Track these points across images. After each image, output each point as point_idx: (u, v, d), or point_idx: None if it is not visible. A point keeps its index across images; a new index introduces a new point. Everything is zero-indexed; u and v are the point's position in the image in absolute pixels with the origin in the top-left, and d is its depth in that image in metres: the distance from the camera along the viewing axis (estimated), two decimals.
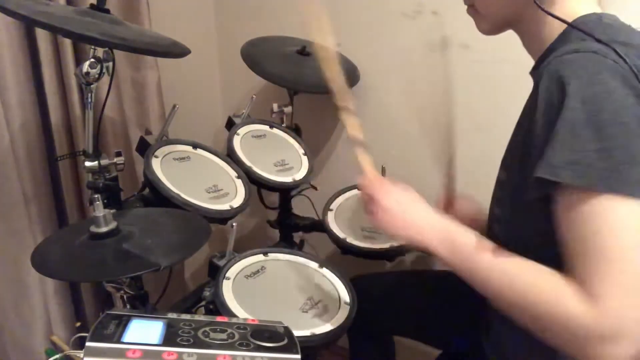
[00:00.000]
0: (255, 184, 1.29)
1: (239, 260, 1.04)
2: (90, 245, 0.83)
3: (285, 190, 1.49)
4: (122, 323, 0.65)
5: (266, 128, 1.42)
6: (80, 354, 0.58)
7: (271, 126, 1.43)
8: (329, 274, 1.06)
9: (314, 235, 1.50)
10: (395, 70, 1.47)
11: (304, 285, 1.02)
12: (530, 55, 0.79)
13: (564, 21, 0.68)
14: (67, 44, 1.26)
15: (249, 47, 1.43)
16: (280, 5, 1.63)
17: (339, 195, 1.37)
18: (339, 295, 1.00)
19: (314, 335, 0.87)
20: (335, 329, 0.91)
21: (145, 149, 1.15)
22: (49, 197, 1.34)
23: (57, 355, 0.92)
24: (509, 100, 1.29)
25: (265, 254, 1.08)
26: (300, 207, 1.56)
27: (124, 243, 0.83)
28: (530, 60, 0.80)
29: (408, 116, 1.49)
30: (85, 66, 0.94)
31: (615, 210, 0.58)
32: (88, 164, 1.05)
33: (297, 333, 0.72)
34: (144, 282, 1.08)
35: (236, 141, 1.31)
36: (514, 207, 0.76)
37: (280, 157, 1.36)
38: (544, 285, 0.63)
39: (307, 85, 1.44)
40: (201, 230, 0.92)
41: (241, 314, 0.89)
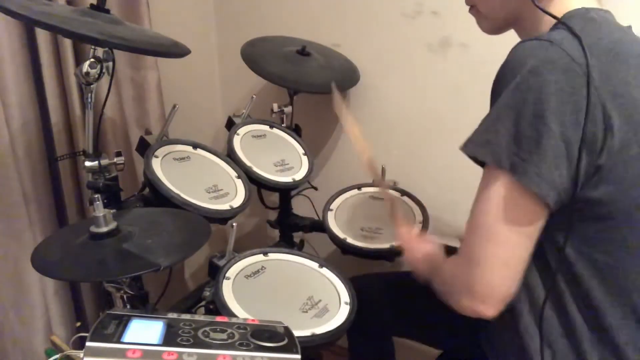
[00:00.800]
0: (255, 184, 1.29)
1: (239, 260, 1.04)
2: (90, 245, 0.83)
3: (285, 190, 1.49)
4: (122, 323, 0.65)
5: (266, 128, 1.42)
6: (80, 354, 0.58)
7: (271, 126, 1.43)
8: (329, 274, 1.06)
9: (314, 235, 1.50)
10: (395, 70, 1.47)
11: (304, 285, 1.02)
12: None
13: (552, 15, 0.69)
14: (67, 44, 1.26)
15: (249, 47, 1.43)
16: (280, 5, 1.63)
17: (339, 195, 1.37)
18: (339, 295, 1.00)
19: (314, 335, 0.87)
20: (335, 329, 0.91)
21: (145, 149, 1.15)
22: (49, 197, 1.34)
23: (57, 355, 0.92)
24: None
25: (265, 254, 1.08)
26: (300, 207, 1.56)
27: (124, 243, 0.83)
28: None
29: (408, 116, 1.49)
30: (85, 66, 0.94)
31: (504, 188, 0.64)
32: (88, 164, 1.05)
33: (297, 333, 0.72)
34: (144, 282, 1.08)
35: (236, 141, 1.31)
36: None
37: (280, 157, 1.36)
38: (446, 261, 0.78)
39: (307, 85, 1.44)
40: (201, 230, 0.92)
41: (241, 314, 0.89)
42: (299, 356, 0.64)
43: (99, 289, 1.44)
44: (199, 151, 1.24)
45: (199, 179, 1.17)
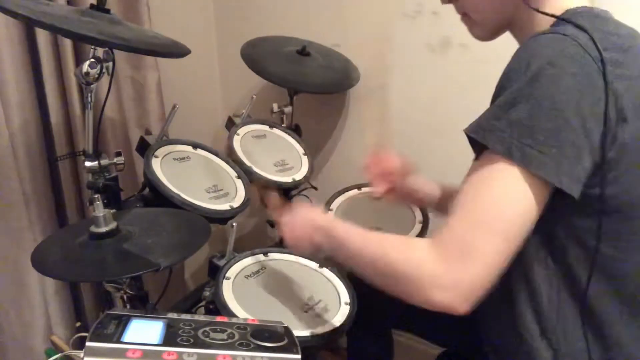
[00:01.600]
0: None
1: (239, 260, 1.04)
2: (90, 245, 0.83)
3: (285, 190, 1.49)
4: (122, 323, 0.65)
5: (266, 128, 1.42)
6: (80, 354, 0.58)
7: (271, 126, 1.43)
8: (329, 274, 1.06)
9: None
10: (395, 70, 1.47)
11: (304, 285, 1.02)
12: None
13: (552, 15, 0.68)
14: (67, 44, 1.26)
15: (249, 47, 1.43)
16: (280, 5, 1.63)
17: (339, 195, 1.37)
18: (339, 295, 1.00)
19: (314, 335, 0.87)
20: (335, 329, 0.91)
21: (145, 149, 1.15)
22: (49, 197, 1.34)
23: (57, 355, 0.92)
24: None
25: (265, 254, 1.08)
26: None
27: (124, 243, 0.83)
28: None
29: (408, 116, 1.49)
30: (85, 66, 0.94)
31: (512, 180, 0.61)
32: (88, 164, 1.05)
33: (297, 333, 0.72)
34: (144, 282, 1.08)
35: (236, 141, 1.31)
36: None
37: (280, 157, 1.36)
38: (398, 242, 0.71)
39: (307, 85, 1.44)
40: (201, 230, 0.92)
41: (241, 314, 0.89)
42: (299, 356, 0.64)
43: (99, 289, 1.45)
44: (199, 151, 1.24)
45: (199, 179, 1.17)
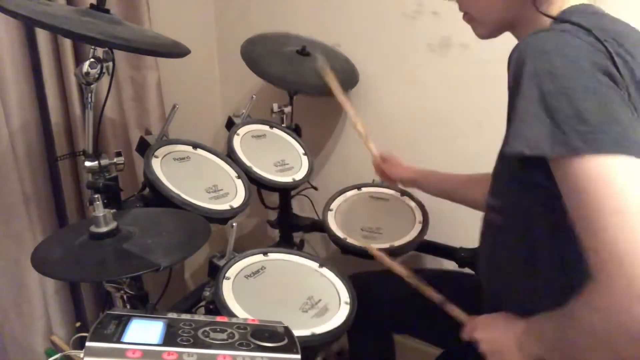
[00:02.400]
0: (255, 184, 1.29)
1: (239, 260, 1.04)
2: (90, 245, 0.83)
3: (285, 190, 1.49)
4: (122, 323, 0.65)
5: (266, 128, 1.42)
6: (80, 354, 0.58)
7: (271, 126, 1.43)
8: (329, 274, 1.06)
9: (314, 235, 1.50)
10: (395, 70, 1.47)
11: (304, 285, 1.02)
12: None
13: (549, 16, 0.68)
14: (67, 44, 1.26)
15: (249, 47, 1.43)
16: (280, 6, 1.63)
17: (339, 195, 1.37)
18: (339, 294, 1.00)
19: (314, 335, 0.87)
20: (335, 329, 0.91)
21: (145, 149, 1.15)
22: (49, 197, 1.34)
23: (57, 355, 0.92)
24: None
25: (265, 254, 1.08)
26: (300, 207, 1.56)
27: (124, 243, 0.83)
28: None
29: (408, 116, 1.49)
30: (85, 66, 0.94)
31: (581, 169, 0.57)
32: (88, 164, 1.05)
33: (297, 333, 0.72)
34: (144, 282, 1.08)
35: (236, 141, 1.31)
36: (507, 194, 0.77)
37: (280, 157, 1.36)
38: (581, 304, 0.60)
39: (307, 85, 1.44)
40: (201, 230, 0.92)
41: (241, 314, 0.89)
42: (299, 356, 0.64)
43: (99, 289, 1.45)
44: (199, 151, 1.24)
45: (199, 179, 1.17)
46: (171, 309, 1.20)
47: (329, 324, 0.91)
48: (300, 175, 1.34)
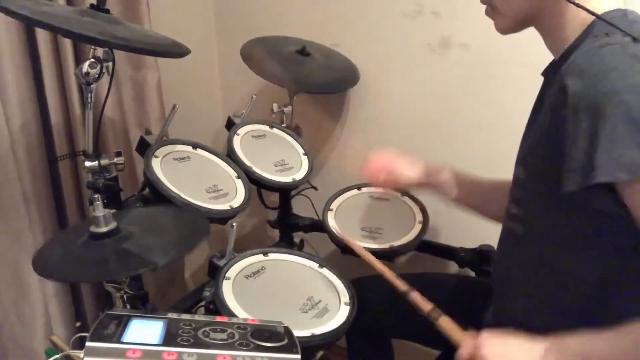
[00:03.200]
0: (255, 184, 1.29)
1: (239, 260, 1.04)
2: (90, 245, 0.83)
3: (285, 190, 1.49)
4: (122, 323, 0.65)
5: (266, 128, 1.42)
6: (80, 354, 0.58)
7: (271, 126, 1.43)
8: (329, 274, 1.06)
9: (314, 235, 1.50)
10: (395, 70, 1.47)
11: (304, 285, 1.02)
12: (551, 52, 0.77)
13: (591, 12, 0.66)
14: (67, 44, 1.26)
15: (249, 47, 1.43)
16: (280, 6, 1.63)
17: (339, 195, 1.37)
18: (339, 295, 1.00)
19: (314, 335, 0.87)
20: (335, 329, 0.91)
21: (145, 149, 1.15)
22: (49, 197, 1.34)
23: (57, 355, 0.92)
24: (508, 100, 1.30)
25: (265, 254, 1.08)
26: (300, 207, 1.56)
27: (124, 243, 0.83)
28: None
29: (408, 116, 1.49)
30: (85, 66, 0.94)
31: None
32: (88, 164, 1.05)
33: (297, 333, 0.72)
34: (143, 282, 1.08)
35: (236, 141, 1.31)
36: (534, 205, 0.75)
37: (280, 157, 1.36)
38: None
39: (307, 85, 1.44)
40: (199, 228, 0.92)
41: (241, 314, 0.89)
42: (299, 356, 0.64)
43: (99, 289, 1.45)
44: (199, 151, 1.24)
45: (199, 179, 1.17)
46: (171, 309, 1.20)
47: (329, 324, 0.91)
48: (300, 175, 1.34)
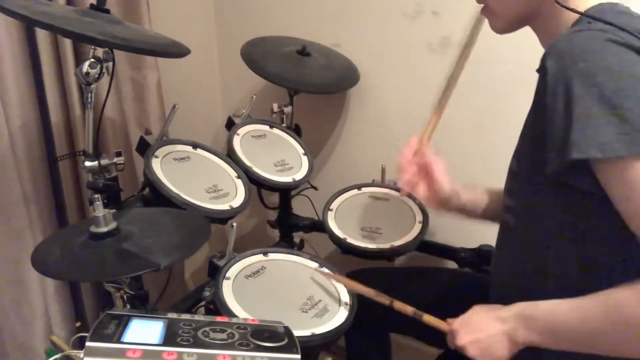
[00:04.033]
0: (255, 184, 1.29)
1: (239, 260, 1.04)
2: (90, 245, 0.83)
3: (285, 190, 1.49)
4: (122, 323, 0.65)
5: (266, 128, 1.42)
6: (80, 354, 0.58)
7: (271, 126, 1.43)
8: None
9: (314, 235, 1.50)
10: (395, 70, 1.47)
11: (304, 285, 1.02)
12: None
13: (575, 11, 0.67)
14: (67, 44, 1.26)
15: (249, 47, 1.43)
16: (280, 6, 1.63)
17: (339, 195, 1.37)
18: (339, 295, 1.00)
19: (314, 335, 0.87)
20: (335, 329, 0.90)
21: (145, 149, 1.15)
22: (49, 197, 1.34)
23: (57, 355, 0.92)
24: (508, 99, 1.30)
25: (265, 254, 1.08)
26: (300, 207, 1.56)
27: (124, 243, 0.83)
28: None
29: (408, 116, 1.49)
30: (85, 66, 0.94)
31: None
32: (88, 164, 1.05)
33: (297, 333, 0.72)
34: (143, 282, 1.08)
35: (236, 141, 1.31)
36: (526, 194, 0.75)
37: (280, 157, 1.36)
38: (628, 292, 0.61)
39: (307, 85, 1.44)
40: (201, 230, 0.92)
41: (241, 314, 0.89)
42: (298, 356, 0.64)
43: (99, 289, 1.45)
44: (199, 151, 1.24)
45: (199, 179, 1.17)
46: (171, 309, 1.20)
47: (329, 324, 0.91)
48: (300, 175, 1.34)
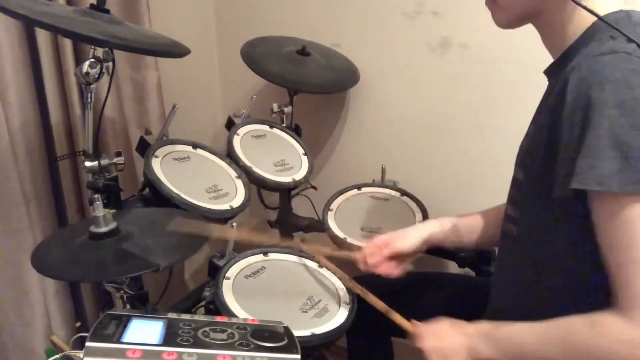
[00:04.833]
0: (255, 184, 1.29)
1: (239, 260, 1.04)
2: (90, 245, 0.83)
3: (285, 190, 1.49)
4: (122, 323, 0.65)
5: (266, 128, 1.42)
6: (80, 354, 0.58)
7: (271, 126, 1.43)
8: (329, 274, 1.06)
9: (314, 235, 1.50)
10: (395, 70, 1.47)
11: (304, 285, 1.02)
12: (549, 52, 0.76)
13: (596, 14, 0.65)
14: (67, 44, 1.26)
15: (248, 47, 1.43)
16: (280, 6, 1.63)
17: (339, 195, 1.37)
18: (339, 295, 1.00)
19: (314, 335, 0.87)
20: (335, 329, 0.91)
21: (145, 149, 1.15)
22: (49, 197, 1.34)
23: (57, 355, 0.92)
24: (508, 100, 1.30)
25: (265, 254, 1.08)
26: (300, 207, 1.56)
27: (124, 243, 0.83)
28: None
29: (408, 116, 1.49)
30: (85, 66, 0.94)
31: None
32: (88, 164, 1.05)
33: (297, 333, 0.72)
34: (143, 282, 1.08)
35: (236, 141, 1.31)
36: (530, 206, 0.75)
37: (280, 157, 1.36)
38: (584, 326, 0.64)
39: (307, 85, 1.44)
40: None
41: (241, 314, 0.89)
42: (298, 356, 0.64)
43: (99, 289, 1.44)
44: (199, 151, 1.24)
45: (199, 179, 1.17)
46: (171, 309, 1.20)
47: (329, 324, 0.91)
48: (300, 175, 1.34)
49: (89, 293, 1.47)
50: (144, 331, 0.64)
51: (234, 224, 1.05)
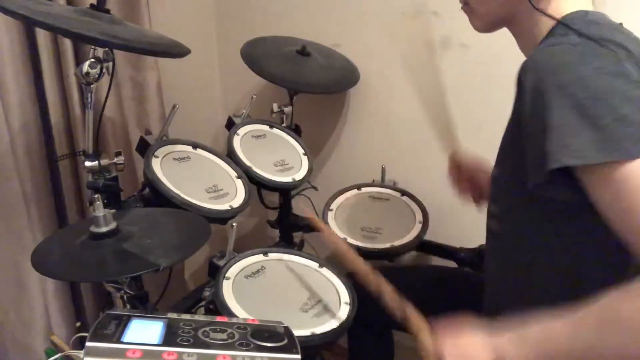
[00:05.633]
0: (255, 184, 1.29)
1: (239, 260, 1.04)
2: (90, 245, 0.83)
3: (285, 190, 1.49)
4: (122, 323, 0.65)
5: (266, 128, 1.42)
6: (80, 354, 0.58)
7: (271, 126, 1.43)
8: (328, 274, 1.06)
9: (314, 235, 1.50)
10: (395, 70, 1.47)
11: (304, 285, 1.02)
12: (524, 55, 0.79)
13: (551, 16, 0.69)
14: (67, 44, 1.26)
15: (248, 47, 1.43)
16: (280, 6, 1.63)
17: (339, 195, 1.37)
18: (339, 295, 1.00)
19: (314, 335, 0.87)
20: (335, 329, 0.90)
21: (145, 149, 1.15)
22: (49, 197, 1.34)
23: (57, 355, 0.92)
24: (508, 100, 1.30)
25: (265, 254, 1.08)
26: (301, 207, 1.56)
27: (124, 243, 0.83)
28: None
29: (408, 116, 1.49)
30: (85, 66, 0.94)
31: (628, 173, 0.56)
32: (88, 164, 1.05)
33: (297, 333, 0.72)
34: (144, 282, 1.08)
35: (236, 141, 1.31)
36: (507, 202, 0.77)
37: (280, 157, 1.36)
38: (614, 300, 0.58)
39: (307, 85, 1.44)
40: (201, 230, 0.92)
41: (241, 314, 0.89)
42: (299, 356, 0.64)
43: (99, 289, 1.45)
44: (199, 151, 1.24)
45: (199, 179, 1.17)
46: (171, 309, 1.20)
47: (329, 324, 0.91)
48: (300, 175, 1.34)
49: (89, 293, 1.47)
50: (144, 331, 0.64)
51: (234, 224, 1.05)
